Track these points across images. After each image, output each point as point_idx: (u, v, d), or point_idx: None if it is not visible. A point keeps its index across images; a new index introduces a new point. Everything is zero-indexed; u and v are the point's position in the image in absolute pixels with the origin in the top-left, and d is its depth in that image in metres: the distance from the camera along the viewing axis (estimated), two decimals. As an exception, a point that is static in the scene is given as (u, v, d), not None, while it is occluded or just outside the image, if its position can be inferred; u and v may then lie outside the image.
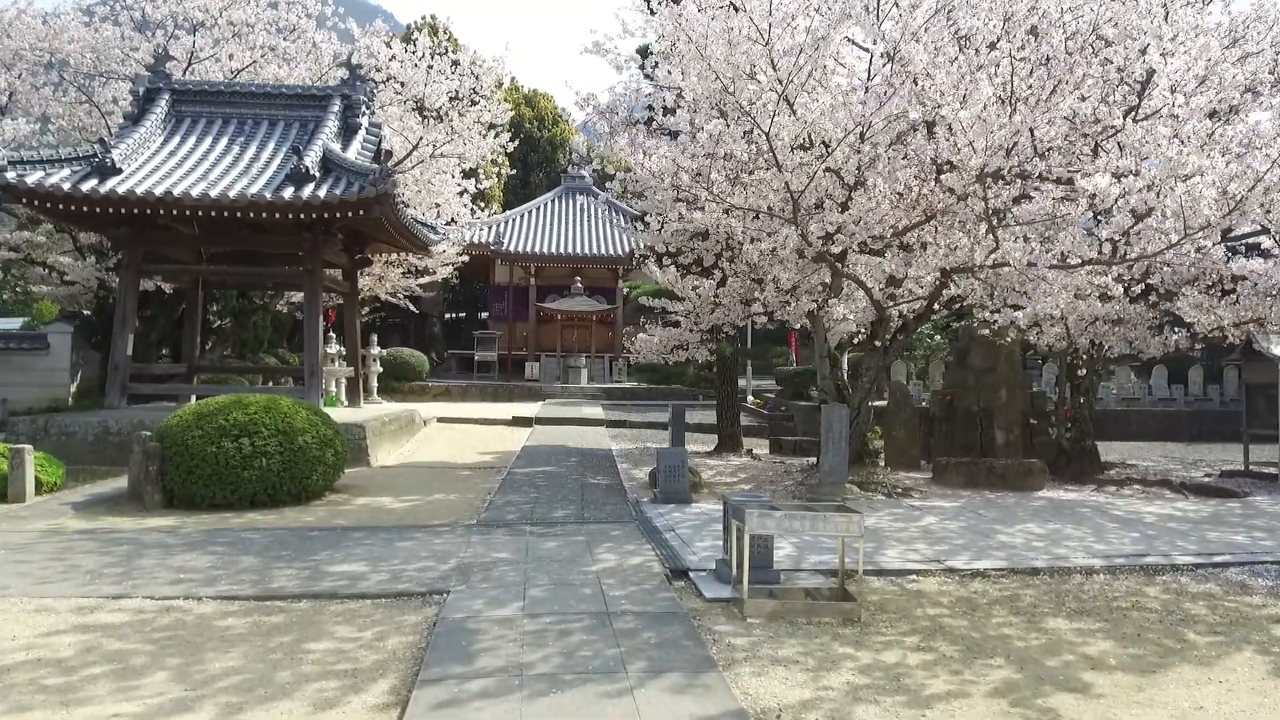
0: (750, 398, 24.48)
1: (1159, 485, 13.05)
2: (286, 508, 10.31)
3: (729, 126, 9.00)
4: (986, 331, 15.28)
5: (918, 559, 8.06)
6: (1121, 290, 11.77)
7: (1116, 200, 7.99)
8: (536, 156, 47.15)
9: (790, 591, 6.71)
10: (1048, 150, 8.10)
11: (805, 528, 6.24)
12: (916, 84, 8.37)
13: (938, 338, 22.05)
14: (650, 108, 11.53)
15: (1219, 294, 11.31)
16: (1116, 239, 8.45)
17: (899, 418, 15.21)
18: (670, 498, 10.79)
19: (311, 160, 15.03)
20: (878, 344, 12.89)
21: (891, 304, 11.66)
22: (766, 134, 8.58)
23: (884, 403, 15.75)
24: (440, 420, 20.65)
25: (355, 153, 16.36)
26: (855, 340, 14.28)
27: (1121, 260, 8.83)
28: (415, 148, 21.05)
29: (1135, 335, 13.46)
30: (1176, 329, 14.16)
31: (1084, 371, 13.84)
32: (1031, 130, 7.69)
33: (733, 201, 9.27)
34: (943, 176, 8.47)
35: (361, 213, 14.66)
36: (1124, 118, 8.05)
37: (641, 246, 13.41)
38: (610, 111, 10.77)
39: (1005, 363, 14.60)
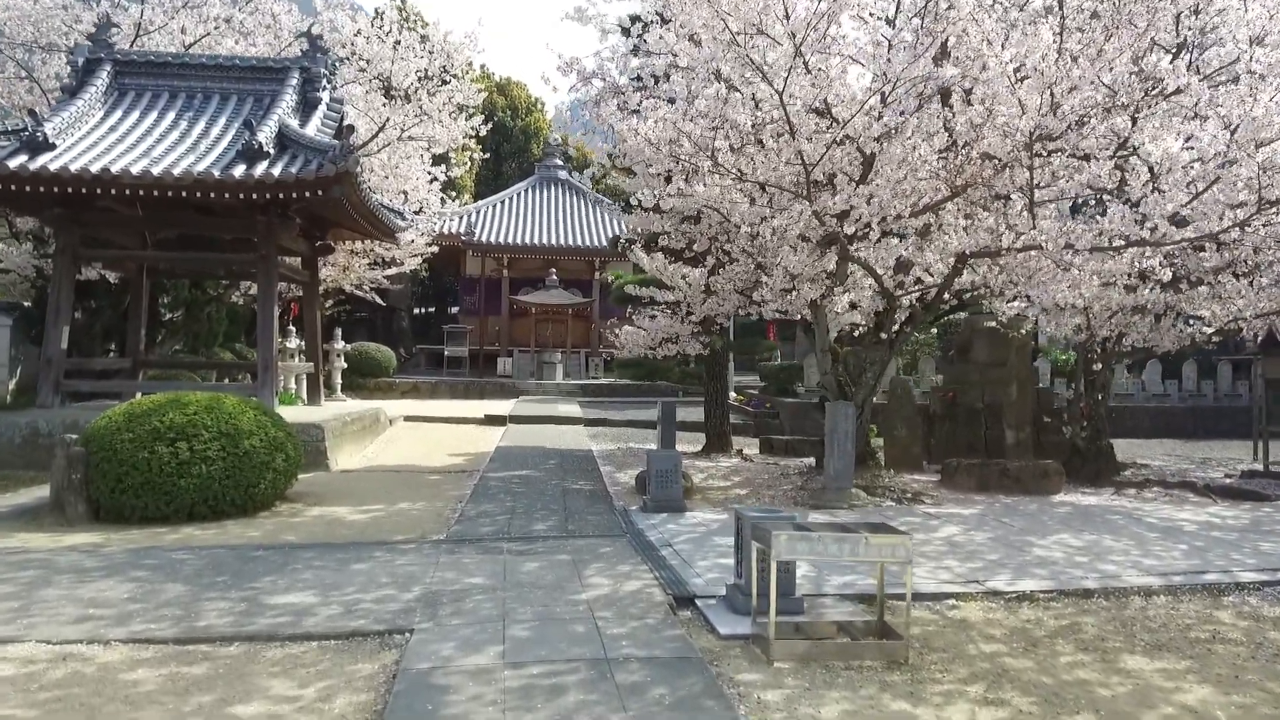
0: (732, 394, 23.47)
1: (1181, 488, 12.20)
2: (230, 521, 9.12)
3: (732, 93, 7.94)
4: (994, 323, 14.38)
5: (951, 579, 7.07)
6: (1140, 278, 10.91)
7: (1180, 170, 7.05)
8: (509, 146, 45.84)
9: (820, 626, 5.67)
10: (1107, 110, 7.13)
11: (845, 552, 5.20)
12: (945, 40, 7.35)
13: (934, 331, 21.17)
14: (639, 78, 10.44)
15: (1250, 282, 10.43)
16: (1168, 216, 7.52)
17: (900, 415, 14.26)
18: (662, 506, 9.73)
19: (266, 136, 13.77)
20: (884, 336, 11.91)
21: (901, 292, 10.66)
22: (779, 94, 7.54)
23: (880, 400, 14.81)
24: (407, 419, 19.44)
25: (315, 129, 15.12)
26: (855, 333, 13.29)
27: (1174, 242, 7.90)
28: (381, 129, 19.79)
29: (1149, 327, 12.60)
30: (1191, 321, 13.31)
31: (1099, 366, 12.95)
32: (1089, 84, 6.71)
33: (741, 172, 8.20)
34: (984, 142, 7.46)
35: (320, 193, 13.42)
36: (1190, 75, 7.10)
37: (627, 231, 12.31)
38: (597, 76, 9.65)
39: (1016, 356, 13.70)
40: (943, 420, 15.16)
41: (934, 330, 21.39)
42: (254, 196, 13.50)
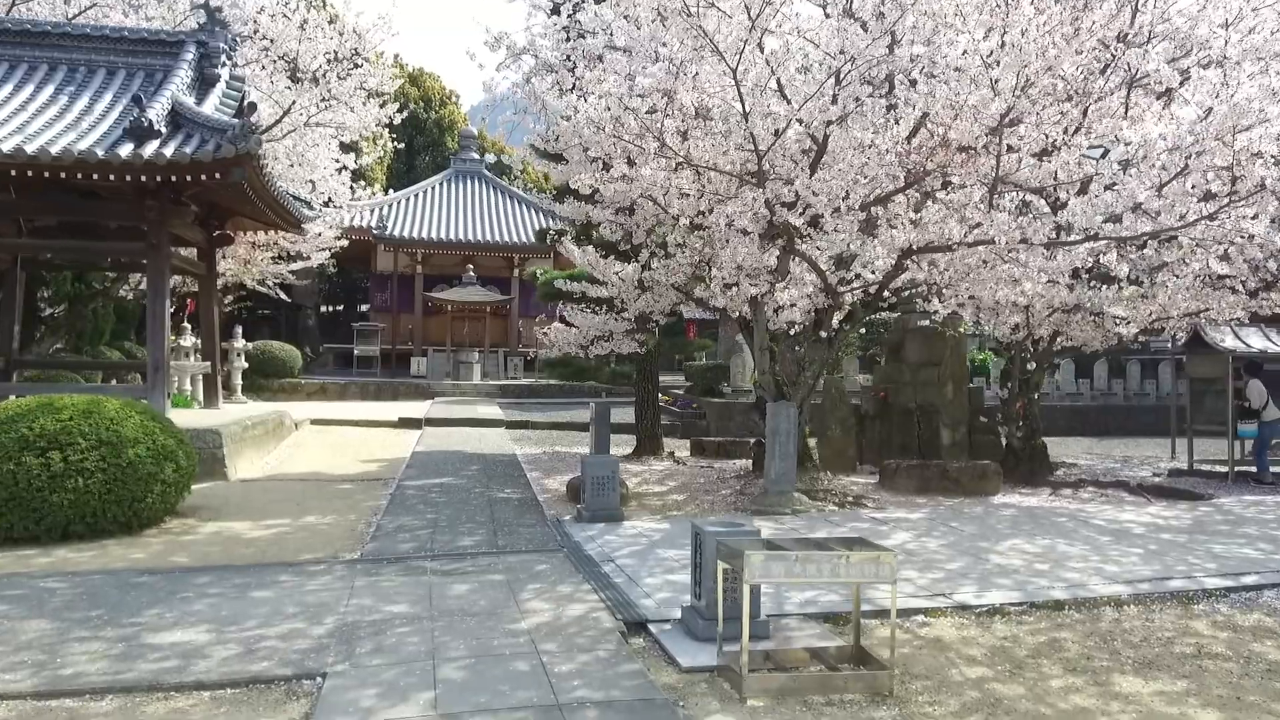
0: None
1: (1115, 487, 12.15)
2: (111, 540, 8.06)
3: (681, 70, 7.31)
4: (926, 322, 14.18)
5: (915, 591, 6.60)
6: (1077, 275, 10.77)
7: (1155, 156, 6.74)
8: (423, 139, 44.47)
9: (792, 655, 5.09)
10: (1072, 96, 6.77)
11: (825, 573, 4.62)
12: (903, 20, 6.87)
13: (861, 330, 21.01)
14: (569, 58, 9.74)
15: (1205, 280, 10.36)
16: (1132, 208, 7.21)
17: (834, 416, 13.91)
18: (599, 516, 9.06)
19: (156, 113, 12.56)
20: (823, 334, 11.49)
21: (845, 289, 10.25)
22: (734, 70, 6.96)
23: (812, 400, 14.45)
24: (315, 422, 18.24)
25: (213, 108, 13.92)
26: (791, 331, 12.87)
27: (1135, 236, 7.63)
28: (286, 113, 18.52)
29: (1092, 326, 12.54)
30: (1116, 320, 13.33)
31: (1033, 365, 12.83)
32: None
33: (688, 157, 7.60)
34: (955, 125, 7.00)
35: (218, 176, 12.28)
36: (1164, 62, 6.81)
37: (557, 223, 11.58)
38: (528, 53, 8.88)
39: (952, 356, 13.50)
40: (875, 420, 14.91)
41: (861, 330, 21.24)
42: (143, 179, 12.28)
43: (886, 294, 11.21)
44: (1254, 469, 13.18)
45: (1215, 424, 13.42)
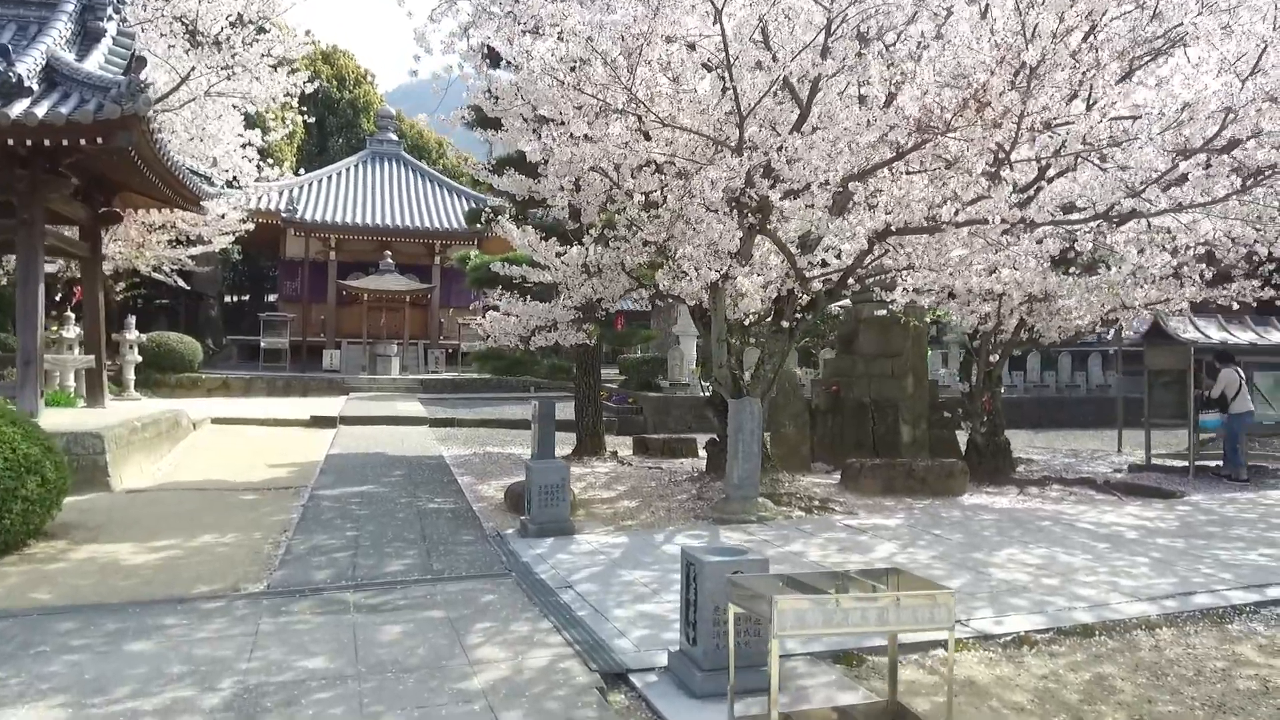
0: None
1: (1080, 485, 11.63)
2: (-47, 573, 6.62)
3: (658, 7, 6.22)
4: (883, 312, 13.46)
5: (925, 619, 5.72)
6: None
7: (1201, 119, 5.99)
8: (336, 120, 42.37)
9: (816, 717, 4.12)
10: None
11: (872, 620, 3.66)
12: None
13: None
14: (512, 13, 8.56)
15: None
16: (1156, 181, 6.50)
17: (788, 411, 13.08)
18: (547, 529, 7.97)
19: (27, 68, 10.93)
20: (784, 324, 10.61)
21: (816, 274, 9.38)
22: (719, 10, 5.94)
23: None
24: (216, 422, 16.59)
25: (97, 64, 12.30)
26: (745, 321, 11.98)
27: (1158, 212, 6.90)
28: (184, 80, 16.75)
29: (1045, 316, 11.99)
30: (1076, 311, 12.84)
31: (995, 358, 12.23)
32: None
33: (659, 116, 6.55)
34: (975, 76, 6.12)
35: (101, 141, 10.73)
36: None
37: (493, 200, 10.40)
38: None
39: (913, 348, 12.80)
40: (826, 416, 14.17)
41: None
42: (10, 143, 10.66)
43: (851, 281, 10.40)
44: (1213, 463, 12.90)
45: (1166, 416, 13.10)
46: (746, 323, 12.06)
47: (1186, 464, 12.58)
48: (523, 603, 5.92)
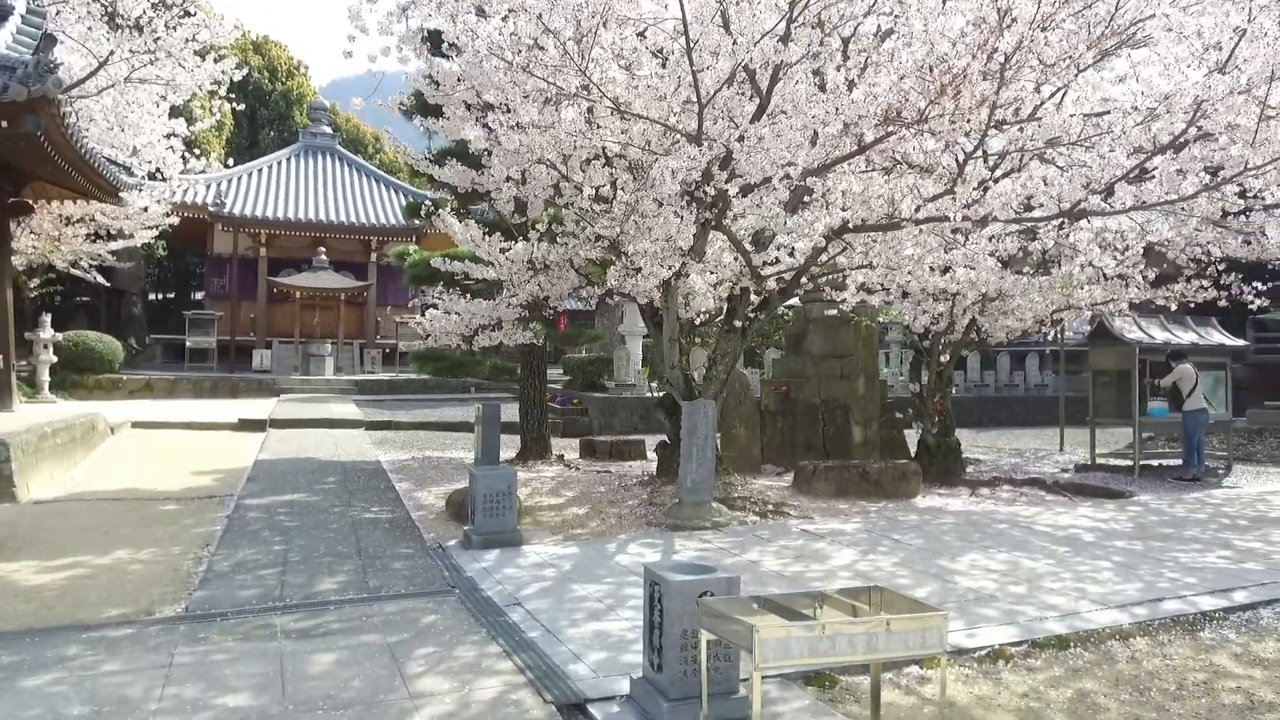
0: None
1: (1030, 485, 11.58)
2: None
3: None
4: (833, 312, 13.29)
5: (895, 632, 5.44)
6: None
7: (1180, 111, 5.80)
8: (267, 113, 41.04)
9: (797, 750, 3.78)
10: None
11: (860, 647, 3.33)
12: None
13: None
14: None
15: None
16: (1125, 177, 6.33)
17: (739, 413, 12.81)
18: (492, 541, 7.52)
19: (-81, 45, 10.09)
20: (736, 324, 10.34)
21: (772, 271, 9.10)
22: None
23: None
24: (137, 425, 15.70)
25: (4, 44, 11.53)
26: (696, 321, 11.67)
27: (1125, 210, 6.73)
28: (103, 64, 15.80)
29: (995, 316, 11.94)
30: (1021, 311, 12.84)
31: (946, 358, 12.13)
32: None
33: (616, 102, 6.13)
34: (951, 60, 5.82)
35: (5, 124, 9.96)
36: None
37: (433, 192, 9.88)
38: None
39: (864, 348, 12.63)
40: (776, 417, 13.95)
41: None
42: (-99, 126, 9.84)
43: (804, 279, 10.16)
44: (1155, 463, 13.03)
45: (1109, 416, 13.19)
46: (697, 322, 11.76)
47: (1131, 463, 12.64)
48: (468, 623, 5.47)
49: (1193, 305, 12.08)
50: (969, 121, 5.72)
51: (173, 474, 11.39)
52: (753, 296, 10.24)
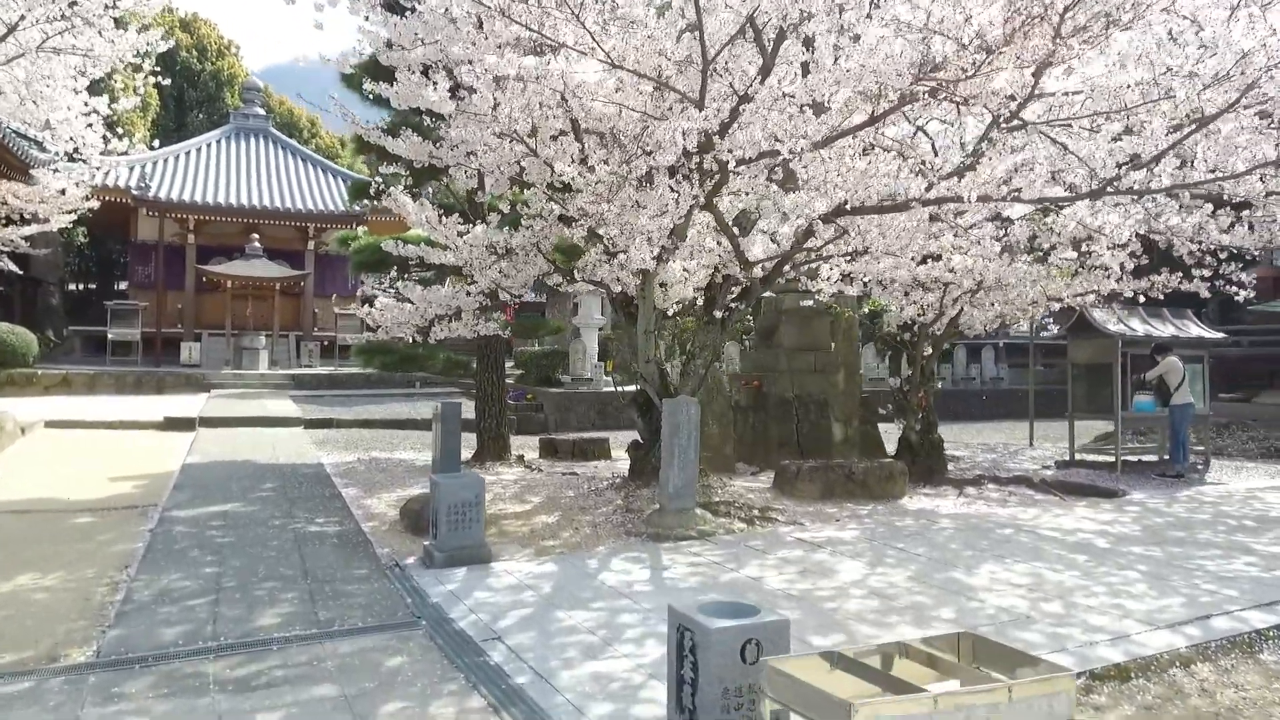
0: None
1: (1015, 484, 11.09)
2: None
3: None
4: (811, 302, 12.64)
5: (934, 665, 4.74)
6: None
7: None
8: (196, 94, 39.08)
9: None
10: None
11: (981, 728, 2.59)
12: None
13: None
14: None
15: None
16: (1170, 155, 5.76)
17: (712, 409, 12.04)
18: (458, 558, 6.65)
19: None
20: (716, 314, 9.62)
21: (762, 258, 8.38)
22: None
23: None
24: (51, 425, 14.37)
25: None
26: (671, 312, 10.90)
27: (1165, 188, 6.13)
28: (11, 31, 14.38)
29: (980, 307, 11.43)
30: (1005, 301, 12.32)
31: (930, 351, 11.56)
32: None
33: (609, 56, 5.31)
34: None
35: (-116, 87, 8.69)
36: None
37: (387, 168, 8.89)
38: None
39: (844, 341, 12.01)
40: (748, 413, 13.27)
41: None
42: None
43: (786, 268, 9.46)
44: (1134, 458, 12.68)
45: (1086, 410, 12.83)
46: (671, 313, 11.00)
47: (1113, 460, 12.26)
48: (441, 666, 4.62)
49: (1161, 297, 11.72)
50: (1024, 71, 5.03)
51: (90, 481, 10.22)
52: (734, 286, 9.54)
